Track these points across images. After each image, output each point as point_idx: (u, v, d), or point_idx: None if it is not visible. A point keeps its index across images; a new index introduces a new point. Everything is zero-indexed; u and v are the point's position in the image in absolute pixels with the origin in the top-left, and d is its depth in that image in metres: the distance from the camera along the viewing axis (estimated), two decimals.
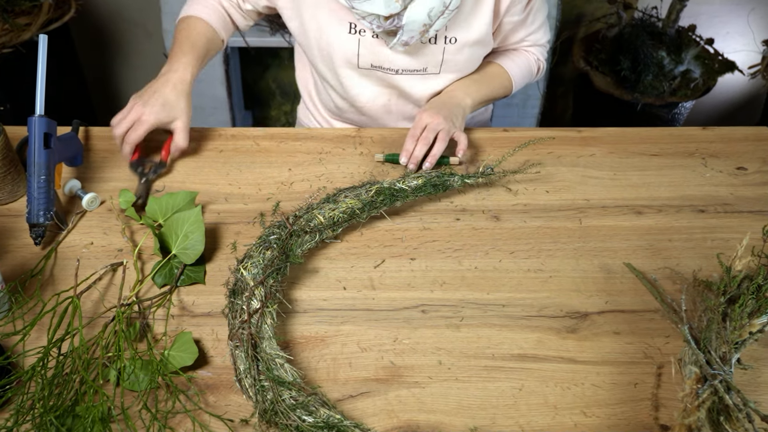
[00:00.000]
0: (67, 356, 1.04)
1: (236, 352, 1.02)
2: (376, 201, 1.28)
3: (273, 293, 1.10)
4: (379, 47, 1.44)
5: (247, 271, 1.11)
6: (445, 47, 1.44)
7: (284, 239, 1.17)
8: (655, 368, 1.09)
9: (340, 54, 1.47)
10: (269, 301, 1.09)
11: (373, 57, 1.46)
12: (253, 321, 1.04)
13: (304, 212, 1.23)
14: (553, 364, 1.10)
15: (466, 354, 1.11)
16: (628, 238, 1.30)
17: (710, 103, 3.00)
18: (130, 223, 1.31)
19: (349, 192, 1.28)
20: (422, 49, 1.44)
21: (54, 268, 1.23)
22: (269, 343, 1.04)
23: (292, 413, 0.95)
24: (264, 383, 0.98)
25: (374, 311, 1.17)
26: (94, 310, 1.16)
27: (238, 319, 1.05)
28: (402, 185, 1.31)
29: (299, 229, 1.20)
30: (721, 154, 1.49)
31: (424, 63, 1.46)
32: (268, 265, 1.12)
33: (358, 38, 1.43)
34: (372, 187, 1.28)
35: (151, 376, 1.02)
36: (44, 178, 1.24)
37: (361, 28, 1.42)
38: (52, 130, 1.26)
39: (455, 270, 1.24)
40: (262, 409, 0.97)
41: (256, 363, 1.01)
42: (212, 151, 1.48)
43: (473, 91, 1.54)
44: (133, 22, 2.95)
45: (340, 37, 1.44)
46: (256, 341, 1.03)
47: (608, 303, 1.19)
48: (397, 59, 1.45)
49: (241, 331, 1.03)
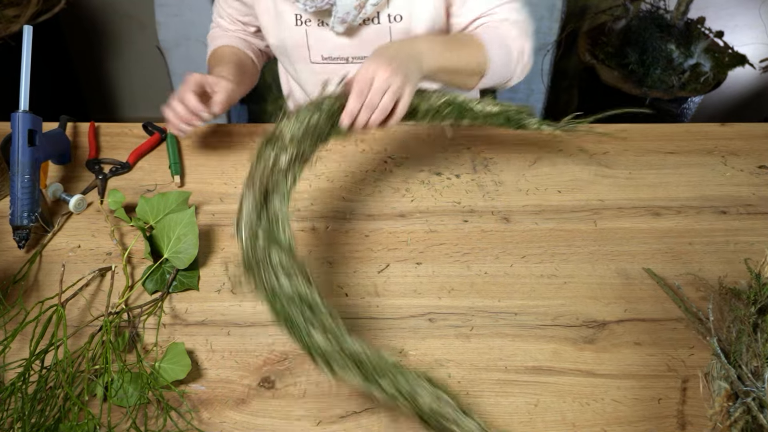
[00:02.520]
0: (50, 369, 0.97)
1: (246, 192, 0.97)
2: (441, 109, 1.19)
3: (305, 156, 1.05)
4: (326, 34, 1.37)
5: (288, 127, 1.04)
6: (390, 27, 1.35)
7: (336, 110, 1.09)
8: (680, 382, 1.03)
9: (292, 48, 1.41)
10: (298, 162, 1.03)
11: (322, 47, 1.39)
12: (274, 173, 1.00)
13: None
14: (570, 377, 1.03)
15: (476, 366, 1.05)
16: (646, 241, 1.24)
17: (719, 98, 2.95)
18: (120, 225, 1.24)
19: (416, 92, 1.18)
20: (366, 31, 1.36)
21: (38, 273, 1.17)
22: (281, 202, 0.98)
23: (273, 274, 0.90)
24: (259, 233, 0.93)
25: (378, 320, 1.11)
26: (81, 318, 1.09)
27: (261, 167, 1.00)
28: (475, 106, 1.22)
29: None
30: (741, 152, 1.43)
31: (371, 45, 1.30)
32: (311, 128, 1.05)
33: (305, 29, 1.37)
34: (443, 96, 1.19)
35: (141, 390, 0.96)
36: (28, 177, 1.17)
37: (306, 18, 1.36)
38: (37, 126, 1.20)
39: (464, 275, 1.18)
40: (247, 258, 0.92)
41: (261, 211, 0.96)
42: (206, 148, 1.42)
43: (439, 49, 1.22)
44: (126, 14, 2.89)
45: (289, 30, 1.38)
46: (269, 193, 0.98)
47: (627, 311, 1.12)
48: (345, 47, 1.38)
49: (259, 179, 0.98)
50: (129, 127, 1.45)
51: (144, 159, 1.39)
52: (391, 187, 1.33)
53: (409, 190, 1.32)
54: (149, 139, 1.40)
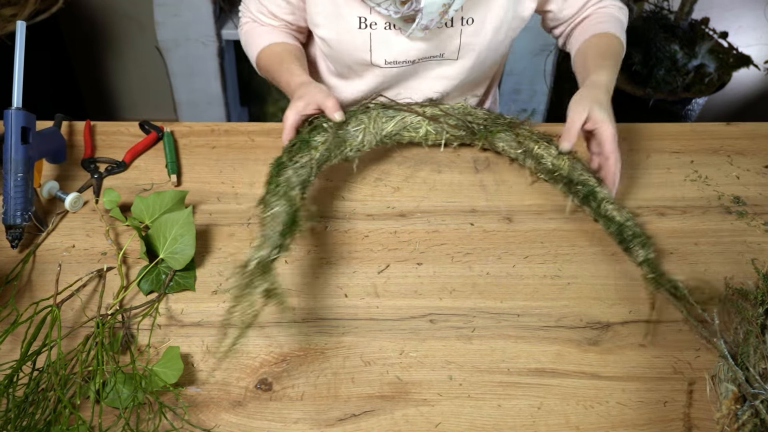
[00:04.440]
0: (43, 371, 0.95)
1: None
2: (574, 188, 1.24)
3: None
4: (393, 38, 1.34)
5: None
6: (462, 29, 1.34)
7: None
8: (686, 385, 1.00)
9: (352, 51, 1.38)
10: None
11: (387, 51, 1.36)
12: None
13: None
14: (574, 379, 1.01)
15: (478, 368, 1.02)
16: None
17: (723, 99, 2.93)
18: (115, 225, 1.22)
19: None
20: (439, 33, 1.34)
21: (32, 273, 1.14)
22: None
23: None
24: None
25: (378, 321, 1.09)
26: (75, 319, 1.07)
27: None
28: (607, 207, 1.19)
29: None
30: (747, 152, 1.41)
31: (441, 48, 1.37)
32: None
33: (369, 33, 1.34)
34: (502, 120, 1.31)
35: (134, 391, 0.93)
36: (21, 176, 1.15)
37: (372, 21, 1.32)
38: (31, 124, 1.18)
39: (465, 276, 1.15)
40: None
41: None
42: (204, 147, 1.39)
43: (613, 76, 1.34)
44: (125, 14, 2.88)
45: (350, 33, 1.34)
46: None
47: (632, 312, 1.10)
48: (413, 49, 1.36)
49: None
50: (125, 125, 1.43)
51: (140, 158, 1.37)
52: (392, 186, 1.31)
53: (409, 190, 1.30)
54: (146, 138, 1.38)
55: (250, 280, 0.93)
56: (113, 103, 3.18)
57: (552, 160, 1.25)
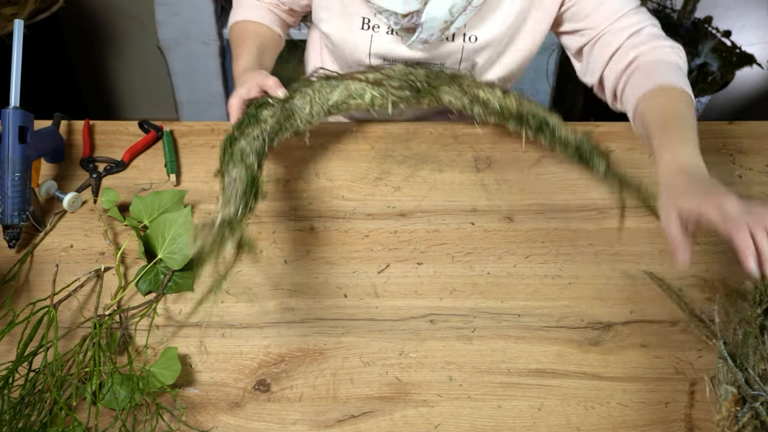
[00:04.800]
0: (39, 372, 0.94)
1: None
2: (528, 119, 1.24)
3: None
4: (393, 44, 1.33)
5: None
6: (464, 45, 1.33)
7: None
8: (688, 385, 1.00)
9: (351, 49, 1.37)
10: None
11: (386, 55, 1.35)
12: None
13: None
14: (574, 380, 1.00)
15: (479, 369, 1.02)
16: (653, 241, 1.20)
17: (726, 98, 2.91)
18: (114, 225, 1.21)
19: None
20: (439, 46, 1.33)
21: (29, 273, 1.14)
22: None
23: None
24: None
25: (378, 321, 1.08)
26: (73, 320, 1.06)
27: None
28: (560, 129, 1.23)
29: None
30: (750, 151, 1.40)
31: (441, 62, 1.35)
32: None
33: (370, 34, 1.33)
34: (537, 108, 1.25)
35: (131, 393, 0.93)
36: (19, 175, 1.14)
37: (375, 24, 1.32)
38: (29, 123, 1.17)
39: (466, 276, 1.15)
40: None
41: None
42: (203, 147, 1.38)
43: (697, 143, 1.05)
44: (126, 13, 2.86)
45: (353, 32, 1.34)
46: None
47: (633, 312, 1.09)
48: (413, 58, 1.34)
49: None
50: (124, 125, 1.42)
51: (139, 157, 1.36)
52: (392, 185, 1.30)
53: (410, 189, 1.29)
54: (145, 137, 1.37)
55: (218, 236, 0.92)
56: (114, 103, 3.17)
57: (499, 102, 1.24)
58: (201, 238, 0.92)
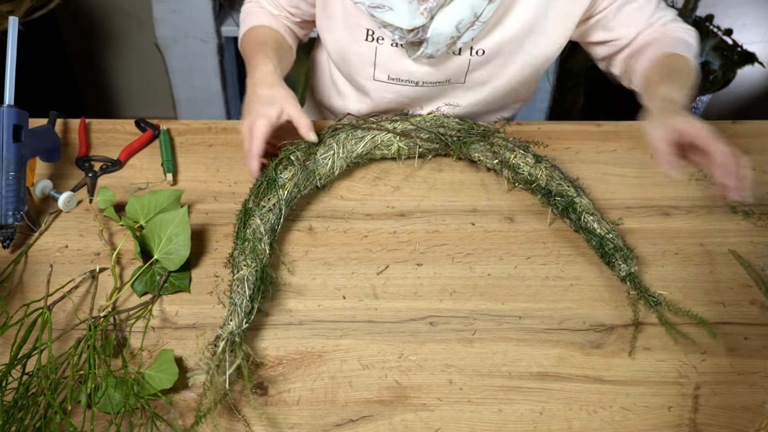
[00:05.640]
0: (33, 375, 0.93)
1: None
2: (552, 198, 1.22)
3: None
4: (398, 57, 1.32)
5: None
6: (470, 59, 1.31)
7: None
8: (692, 389, 0.98)
9: (355, 62, 1.35)
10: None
11: (391, 67, 1.33)
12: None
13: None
14: (577, 383, 0.99)
15: (479, 372, 1.00)
16: (655, 242, 1.19)
17: (728, 97, 2.91)
18: (109, 225, 1.20)
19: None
20: (446, 60, 1.31)
21: (24, 274, 1.12)
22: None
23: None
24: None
25: (377, 323, 1.06)
26: (67, 321, 1.05)
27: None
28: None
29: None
30: (753, 150, 1.38)
31: (447, 74, 1.34)
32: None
33: (375, 46, 1.31)
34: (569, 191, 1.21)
35: (126, 396, 0.91)
36: (13, 174, 1.13)
37: (379, 36, 1.30)
38: (23, 121, 1.15)
39: (466, 277, 1.13)
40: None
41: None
42: (201, 145, 1.37)
43: (687, 92, 1.19)
44: (123, 10, 2.85)
45: (357, 43, 1.32)
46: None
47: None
48: (418, 71, 1.33)
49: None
50: (121, 123, 1.41)
51: (136, 156, 1.35)
52: (392, 185, 1.29)
53: (409, 189, 1.28)
54: (141, 136, 1.36)
55: (220, 361, 0.92)
56: (112, 101, 3.16)
57: (529, 170, 1.23)
58: (205, 365, 0.92)
